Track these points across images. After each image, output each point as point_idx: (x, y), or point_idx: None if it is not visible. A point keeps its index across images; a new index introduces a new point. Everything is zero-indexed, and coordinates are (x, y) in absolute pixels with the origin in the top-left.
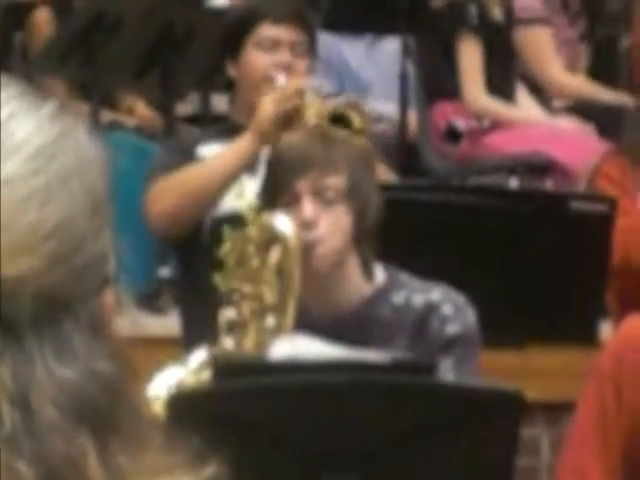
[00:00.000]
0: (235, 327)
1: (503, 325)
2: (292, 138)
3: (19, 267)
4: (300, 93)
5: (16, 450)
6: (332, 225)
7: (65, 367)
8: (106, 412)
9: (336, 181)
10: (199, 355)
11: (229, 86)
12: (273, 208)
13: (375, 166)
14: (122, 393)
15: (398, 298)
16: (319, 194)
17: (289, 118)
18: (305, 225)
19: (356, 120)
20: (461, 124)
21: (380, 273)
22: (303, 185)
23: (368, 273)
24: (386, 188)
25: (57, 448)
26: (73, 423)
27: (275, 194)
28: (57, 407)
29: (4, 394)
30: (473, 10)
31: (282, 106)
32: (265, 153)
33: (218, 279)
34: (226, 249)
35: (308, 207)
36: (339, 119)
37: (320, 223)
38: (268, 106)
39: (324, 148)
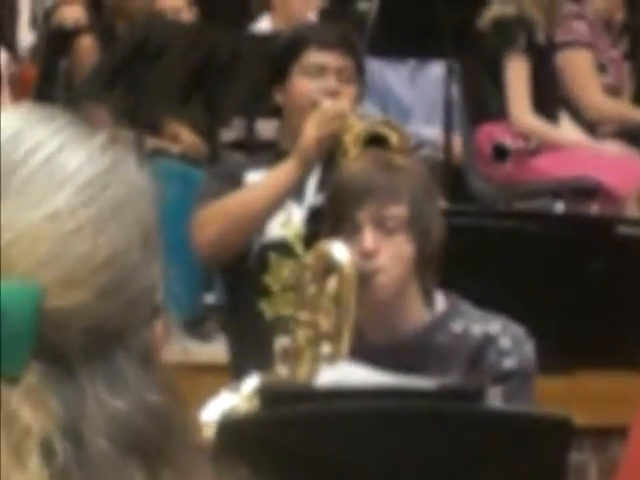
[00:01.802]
0: (290, 354)
1: (552, 350)
2: (354, 167)
3: (69, 299)
4: (342, 116)
5: None
6: (393, 254)
7: (116, 398)
8: (156, 443)
9: (397, 210)
10: (252, 382)
11: (275, 112)
12: (335, 237)
13: (437, 193)
14: (172, 423)
15: (457, 327)
16: (380, 224)
17: (331, 142)
18: (366, 255)
19: (394, 139)
20: (509, 142)
21: (441, 301)
22: (364, 215)
23: (429, 301)
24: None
25: (109, 479)
26: (124, 454)
27: (337, 223)
28: (108, 438)
29: (56, 426)
30: (521, 30)
31: (324, 130)
32: (313, 180)
33: (264, 305)
34: (283, 276)
35: (369, 237)
36: (377, 139)
37: (381, 253)
38: (310, 130)
39: (385, 177)
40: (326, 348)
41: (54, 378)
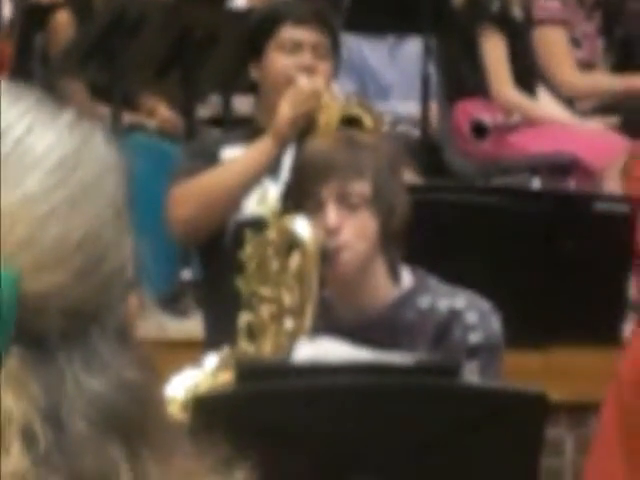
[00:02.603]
0: (254, 330)
1: (526, 326)
2: (317, 144)
3: (45, 282)
4: (316, 95)
5: (51, 468)
6: (357, 230)
7: (94, 378)
8: (136, 421)
9: (360, 186)
10: (214, 358)
11: (251, 88)
12: (298, 213)
13: (402, 169)
14: (150, 400)
15: (423, 302)
16: (343, 200)
17: (306, 120)
18: (329, 231)
19: (367, 120)
20: (487, 119)
21: (407, 276)
22: (327, 191)
23: (395, 276)
24: (408, 189)
25: (90, 462)
26: (104, 435)
27: (300, 200)
28: (87, 420)
29: (37, 412)
30: (494, 5)
31: (299, 109)
32: (288, 157)
33: (240, 282)
34: (247, 252)
35: (332, 214)
36: (351, 120)
37: (344, 229)
38: (285, 109)
39: (348, 153)
40: (289, 323)
41: (33, 362)
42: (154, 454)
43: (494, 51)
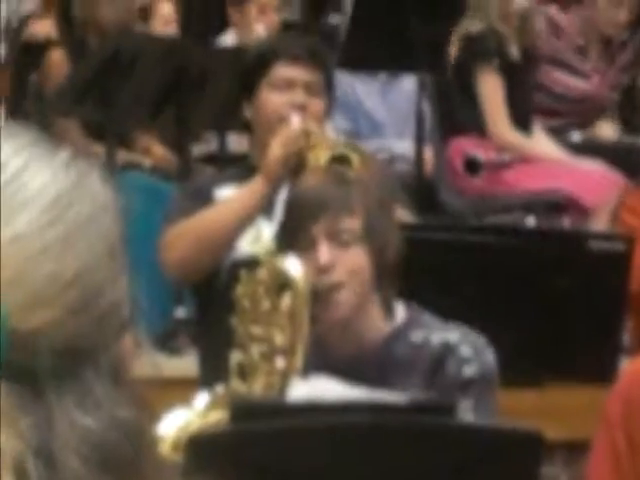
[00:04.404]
0: (245, 369)
1: (522, 365)
2: (308, 181)
3: (38, 320)
4: (306, 134)
5: None
6: (350, 268)
7: (87, 416)
8: (129, 459)
9: (351, 223)
10: (205, 397)
11: (246, 126)
12: (290, 252)
13: (394, 205)
14: (143, 439)
15: (416, 337)
16: (335, 237)
17: (296, 160)
18: (322, 270)
19: (355, 160)
20: (481, 155)
21: (401, 312)
22: (318, 229)
23: (388, 312)
24: (403, 228)
25: None
26: (96, 473)
27: (291, 238)
28: (80, 457)
29: (28, 447)
30: (491, 44)
31: (289, 147)
32: (282, 196)
33: (235, 322)
34: (239, 292)
35: (324, 251)
36: (340, 159)
37: (337, 267)
38: (276, 148)
39: (338, 191)
40: (280, 363)
41: (23, 399)
42: None
43: (491, 90)
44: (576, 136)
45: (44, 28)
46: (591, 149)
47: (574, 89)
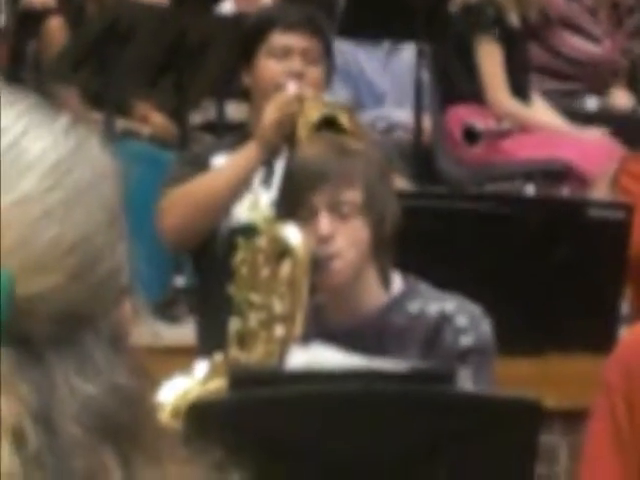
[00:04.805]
0: (244, 337)
1: (521, 333)
2: (308, 152)
3: (38, 285)
4: (299, 99)
5: (41, 468)
6: (348, 239)
7: (87, 383)
8: (128, 426)
9: (352, 195)
10: (204, 365)
11: (244, 94)
12: (290, 221)
13: (392, 176)
14: (143, 406)
15: (413, 307)
16: (335, 208)
17: (291, 126)
18: (322, 240)
19: (345, 122)
20: (479, 125)
21: (398, 282)
22: (319, 200)
23: (386, 282)
24: (401, 196)
25: (81, 465)
26: (96, 439)
27: (292, 208)
28: (80, 424)
29: (27, 412)
30: (490, 13)
31: (283, 113)
32: (280, 164)
33: (232, 289)
34: (238, 259)
35: (324, 222)
36: (330, 123)
37: (337, 238)
38: (270, 113)
39: (339, 162)
40: (279, 331)
41: (24, 364)
42: (147, 459)
43: (490, 59)
44: (591, 102)
45: None
46: (605, 118)
47: (586, 52)
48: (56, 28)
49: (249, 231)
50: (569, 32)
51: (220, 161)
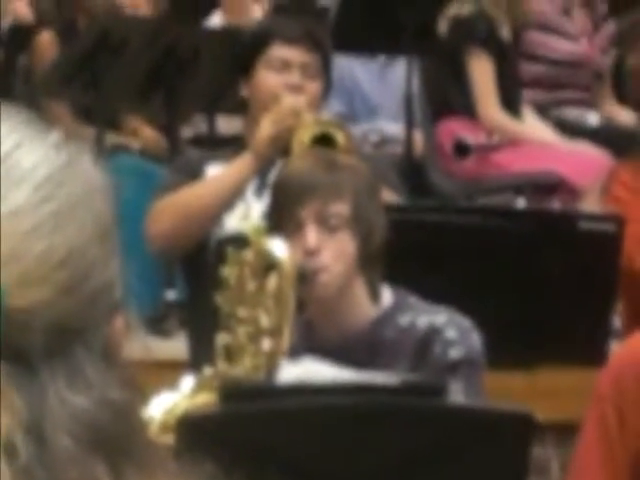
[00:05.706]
0: (231, 351)
1: (511, 346)
2: (296, 164)
3: (30, 298)
4: (296, 114)
5: None
6: (336, 252)
7: (78, 396)
8: (119, 440)
9: (340, 208)
10: (191, 379)
11: (236, 108)
12: (278, 234)
13: (380, 190)
14: (134, 419)
15: (403, 320)
16: (323, 221)
17: (286, 139)
18: (309, 253)
19: (340, 138)
20: (470, 138)
21: (387, 295)
22: (306, 213)
23: (374, 295)
24: (392, 209)
25: (72, 477)
26: (87, 452)
27: (279, 221)
28: (71, 436)
29: (19, 424)
30: (481, 27)
31: (279, 126)
32: (274, 174)
33: (220, 301)
34: (226, 272)
35: (311, 236)
36: (325, 139)
37: (324, 251)
38: (266, 127)
39: (328, 175)
40: (267, 344)
41: (16, 376)
42: (138, 471)
43: (481, 73)
44: (593, 118)
45: (22, 11)
46: (608, 135)
47: (564, 52)
48: (47, 42)
49: (239, 241)
50: (544, 33)
51: (215, 171)
